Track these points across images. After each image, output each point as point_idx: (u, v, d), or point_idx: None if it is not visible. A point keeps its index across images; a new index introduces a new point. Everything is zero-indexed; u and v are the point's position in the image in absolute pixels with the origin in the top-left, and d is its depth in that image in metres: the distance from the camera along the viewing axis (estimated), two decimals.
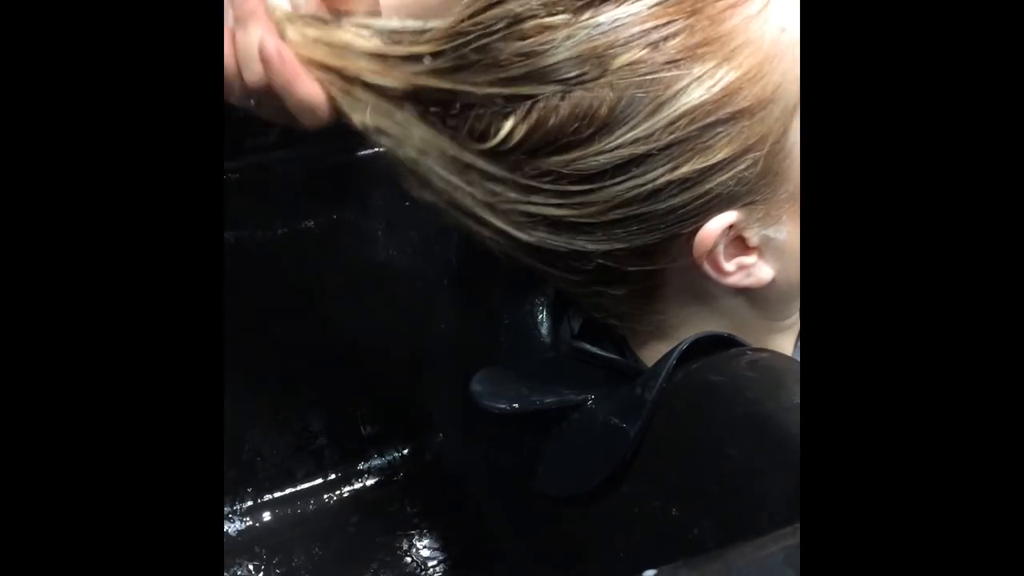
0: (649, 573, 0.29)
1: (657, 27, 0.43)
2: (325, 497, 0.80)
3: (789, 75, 0.44)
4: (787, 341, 0.57)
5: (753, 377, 0.45)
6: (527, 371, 0.54)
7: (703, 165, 0.44)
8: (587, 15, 0.44)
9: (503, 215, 0.48)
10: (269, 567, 0.76)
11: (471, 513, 0.75)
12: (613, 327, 0.55)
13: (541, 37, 0.44)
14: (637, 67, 0.43)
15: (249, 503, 0.79)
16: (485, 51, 0.45)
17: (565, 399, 0.51)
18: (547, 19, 0.44)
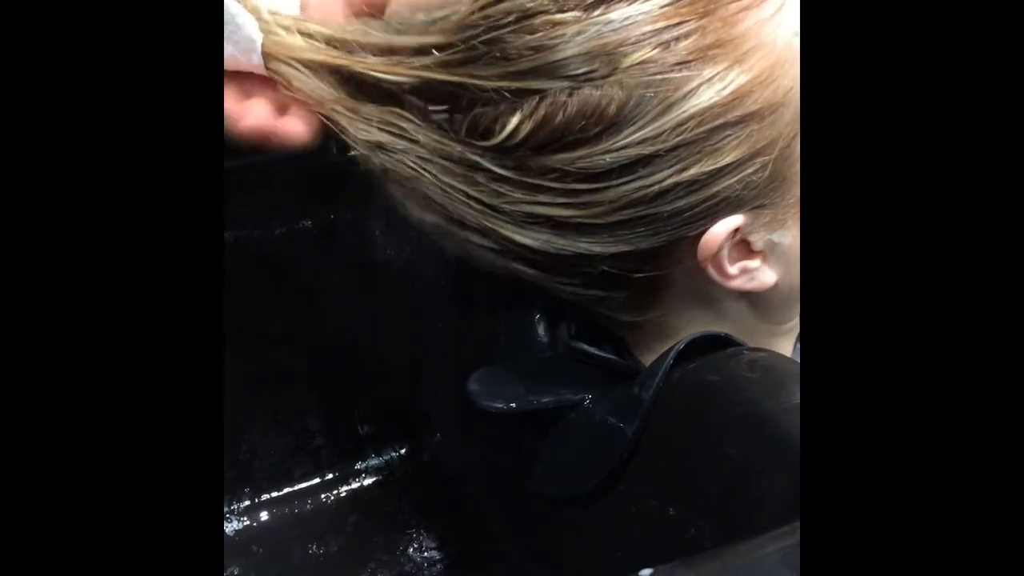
0: (645, 572, 0.29)
1: (669, 27, 0.43)
2: (323, 497, 0.80)
3: (799, 79, 0.44)
4: (787, 344, 0.57)
5: (751, 377, 0.45)
6: (525, 371, 0.54)
7: (711, 168, 0.44)
8: (598, 12, 0.43)
9: (508, 217, 0.48)
10: (266, 567, 0.76)
11: (469, 513, 0.75)
12: (612, 328, 0.55)
13: (551, 32, 0.44)
14: (647, 66, 0.43)
15: (247, 503, 0.78)
16: (494, 43, 0.45)
17: (562, 399, 0.51)
18: (557, 15, 0.44)
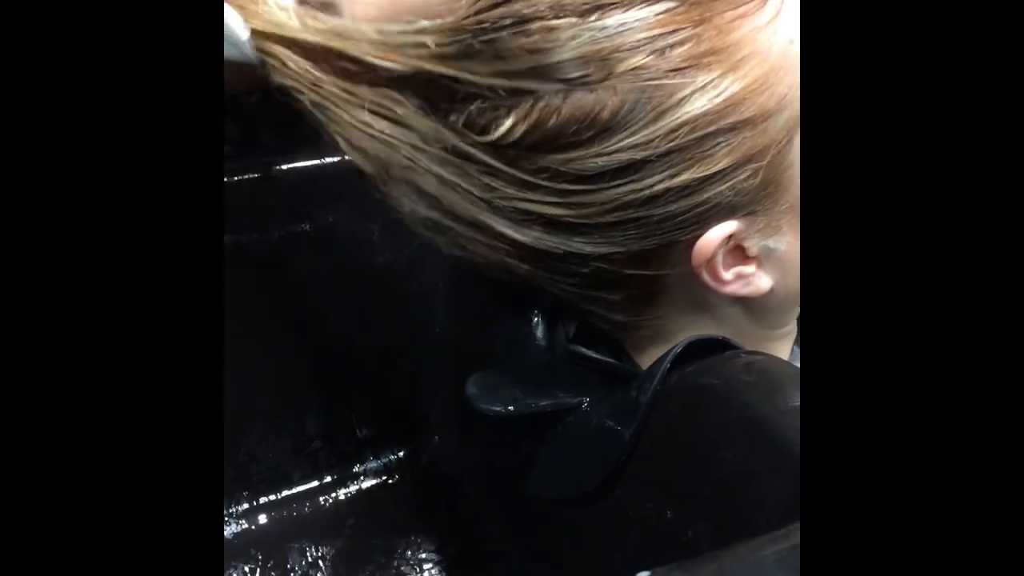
0: (643, 575, 0.29)
1: (664, 34, 0.43)
2: (321, 499, 0.81)
3: (795, 86, 0.44)
4: (783, 348, 0.57)
5: (748, 380, 0.45)
6: (522, 374, 0.54)
7: (702, 174, 0.44)
8: (594, 17, 0.44)
9: (500, 212, 0.48)
10: (265, 570, 0.76)
11: (467, 515, 0.75)
12: (609, 332, 0.55)
13: (546, 35, 0.44)
14: (641, 73, 0.43)
15: (245, 505, 0.79)
16: (490, 43, 0.45)
17: (560, 402, 0.51)
18: (552, 21, 0.44)
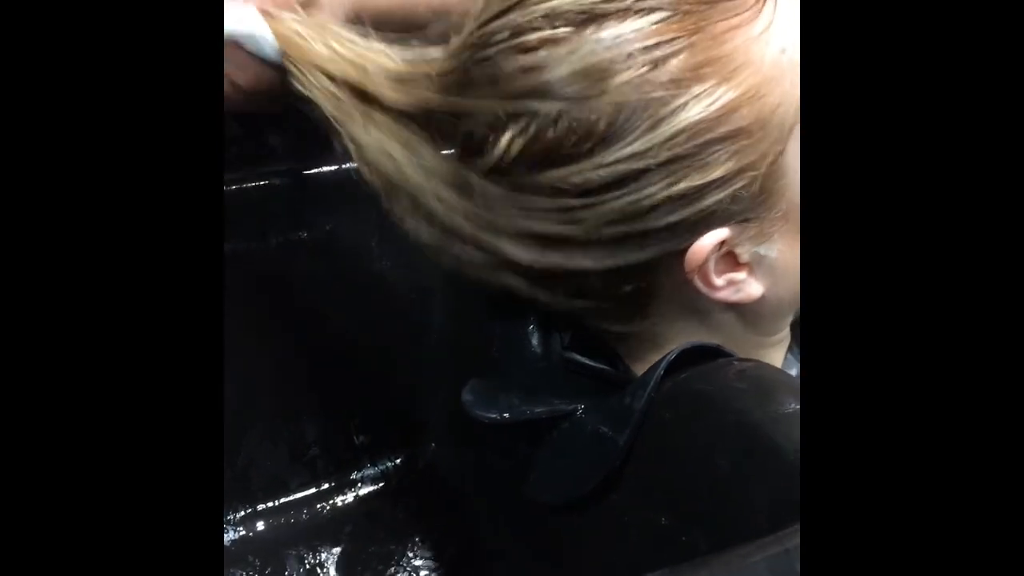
0: None
1: (660, 44, 0.44)
2: (319, 506, 0.81)
3: (788, 95, 0.45)
4: (777, 355, 0.58)
5: (741, 387, 0.45)
6: (518, 381, 0.55)
7: (700, 182, 0.45)
8: (590, 30, 0.44)
9: (503, 234, 0.49)
10: None
11: (464, 521, 0.75)
12: (605, 339, 0.56)
13: (543, 51, 0.45)
14: (637, 84, 0.44)
15: (243, 512, 0.79)
16: (488, 65, 0.46)
17: (555, 409, 0.52)
18: (549, 32, 0.45)
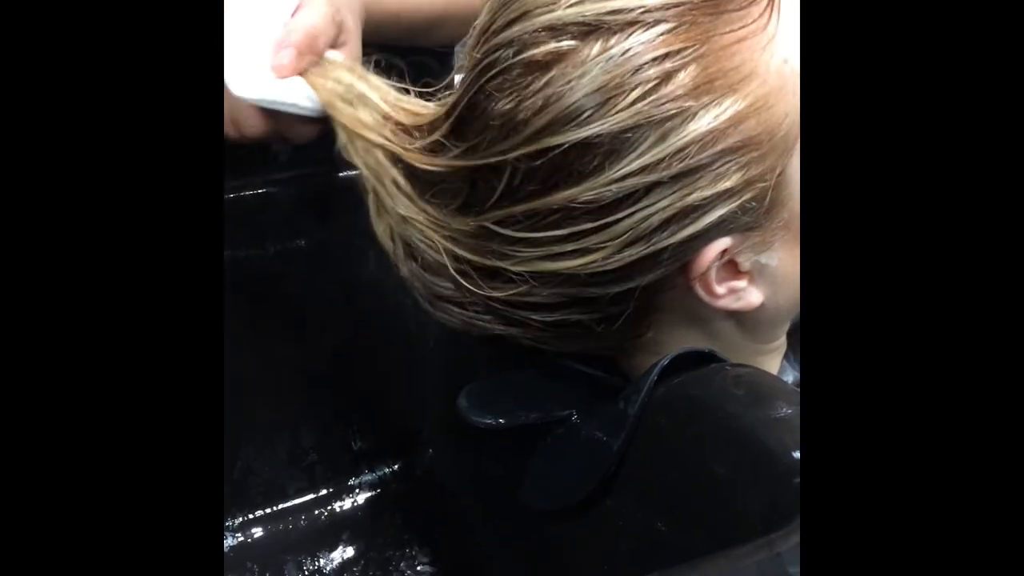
0: None
1: (669, 55, 0.44)
2: (316, 512, 0.81)
3: (792, 106, 0.45)
4: (773, 362, 0.58)
5: (736, 392, 0.45)
6: (514, 387, 0.55)
7: (711, 193, 0.45)
8: (597, 45, 0.44)
9: (513, 283, 0.49)
10: None
11: (462, 527, 0.75)
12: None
13: (555, 71, 0.45)
14: (648, 97, 0.44)
15: (241, 519, 0.79)
16: (500, 100, 0.46)
17: (550, 414, 0.52)
18: (554, 45, 0.45)
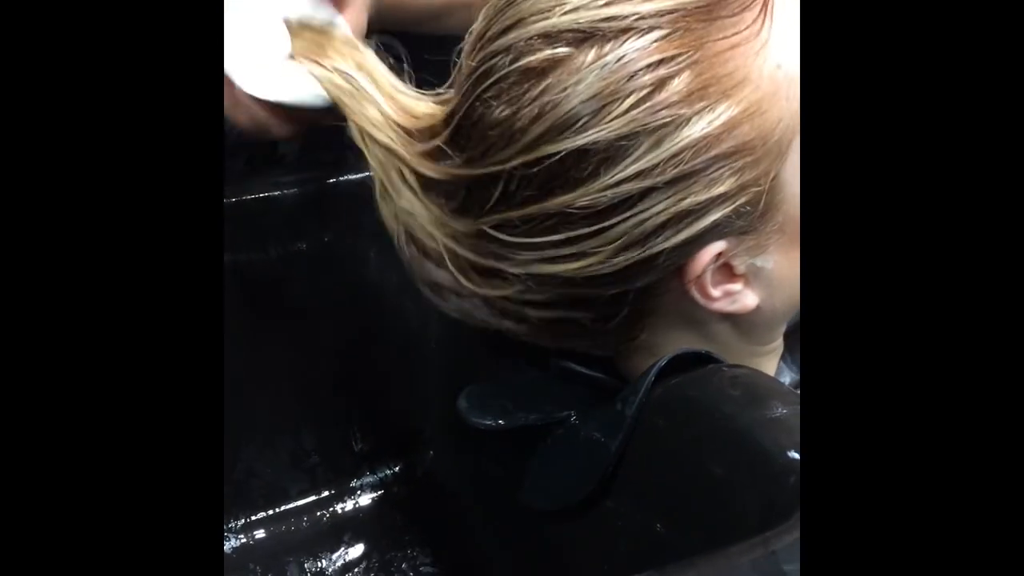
0: None
1: (663, 62, 0.44)
2: (319, 514, 0.81)
3: (785, 111, 0.46)
4: (769, 364, 0.58)
5: (733, 393, 0.46)
6: (513, 388, 0.55)
7: (705, 198, 0.45)
8: (592, 53, 0.45)
9: (511, 282, 0.49)
10: None
11: (463, 528, 0.75)
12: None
13: (551, 78, 0.45)
14: (643, 104, 0.44)
15: (243, 520, 0.79)
16: (498, 107, 0.46)
17: (549, 415, 0.52)
18: (549, 52, 0.45)
